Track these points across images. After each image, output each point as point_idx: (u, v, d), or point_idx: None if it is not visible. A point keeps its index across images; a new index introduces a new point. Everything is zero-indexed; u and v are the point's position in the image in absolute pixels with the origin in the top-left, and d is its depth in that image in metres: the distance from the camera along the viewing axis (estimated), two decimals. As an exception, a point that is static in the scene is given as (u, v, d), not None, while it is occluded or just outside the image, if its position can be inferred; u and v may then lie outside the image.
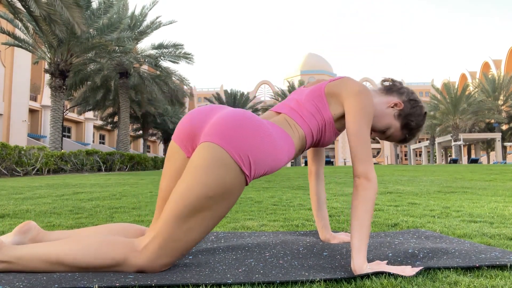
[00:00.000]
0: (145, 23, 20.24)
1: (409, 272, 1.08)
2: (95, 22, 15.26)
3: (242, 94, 43.78)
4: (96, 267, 1.10)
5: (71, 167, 12.36)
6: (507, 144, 36.21)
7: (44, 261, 1.09)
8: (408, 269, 1.11)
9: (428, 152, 47.58)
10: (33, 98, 29.60)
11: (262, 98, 62.77)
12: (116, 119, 28.80)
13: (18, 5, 13.04)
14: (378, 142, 59.95)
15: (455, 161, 31.23)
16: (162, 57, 20.78)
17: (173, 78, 22.45)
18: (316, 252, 1.38)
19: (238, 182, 1.12)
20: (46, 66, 15.49)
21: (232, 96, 43.39)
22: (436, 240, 1.59)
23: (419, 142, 47.44)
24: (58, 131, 15.07)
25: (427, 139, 44.31)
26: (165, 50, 20.72)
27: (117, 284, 1.00)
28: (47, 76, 19.67)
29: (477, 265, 1.16)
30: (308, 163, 1.64)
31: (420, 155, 63.34)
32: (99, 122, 36.86)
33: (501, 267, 1.16)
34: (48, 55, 15.15)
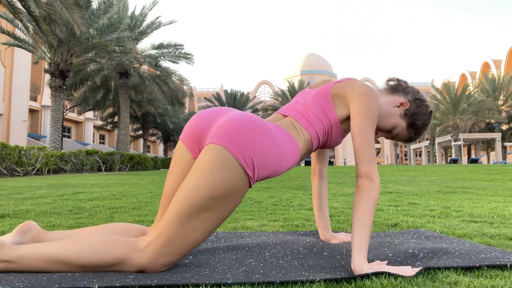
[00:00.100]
0: (145, 23, 20.27)
1: (409, 272, 1.08)
2: (95, 22, 15.26)
3: (242, 94, 43.80)
4: (97, 266, 1.10)
5: (71, 167, 12.36)
6: (507, 144, 36.21)
7: (45, 260, 1.09)
8: (408, 269, 1.11)
9: (428, 152, 47.59)
10: (33, 98, 29.61)
11: (262, 98, 62.82)
12: (116, 119, 28.82)
13: (18, 5, 13.05)
14: (378, 142, 59.94)
15: (455, 161, 31.23)
16: (162, 57, 20.79)
17: (173, 78, 22.46)
18: (316, 252, 1.38)
19: (242, 184, 1.14)
20: (46, 66, 15.50)
21: (232, 96, 43.40)
22: (436, 240, 1.59)
23: (419, 142, 47.39)
24: (58, 131, 15.08)
25: (427, 139, 44.28)
26: (165, 50, 20.74)
27: (117, 284, 1.00)
28: (47, 76, 19.67)
29: (477, 265, 1.16)
30: (312, 163, 1.65)
31: (420, 155, 63.37)
32: (99, 122, 36.87)
33: (501, 267, 1.17)
34: (48, 55, 15.15)
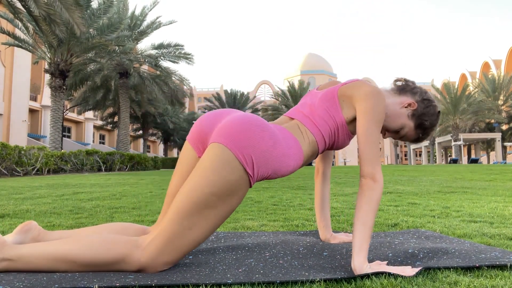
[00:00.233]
0: (145, 23, 20.29)
1: (409, 272, 1.08)
2: (95, 22, 15.27)
3: (242, 94, 43.81)
4: (99, 264, 1.11)
5: (71, 167, 12.36)
6: (507, 144, 36.22)
7: (46, 259, 1.10)
8: (408, 269, 1.11)
9: (428, 152, 47.60)
10: (33, 98, 29.61)
11: (262, 98, 62.85)
12: (116, 119, 28.82)
13: (18, 5, 13.05)
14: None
15: (455, 161, 31.25)
16: (162, 57, 20.81)
17: (173, 78, 22.47)
18: (316, 252, 1.38)
19: (242, 182, 1.15)
20: (46, 66, 15.50)
21: (232, 96, 43.41)
22: (436, 240, 1.59)
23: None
24: (58, 131, 15.08)
25: (427, 139, 44.26)
26: (165, 50, 20.75)
27: (117, 284, 1.00)
28: (47, 76, 19.68)
29: (477, 265, 1.16)
30: (316, 163, 1.65)
31: (420, 155, 63.39)
32: (99, 122, 36.88)
33: (501, 267, 1.17)
34: (48, 55, 15.15)
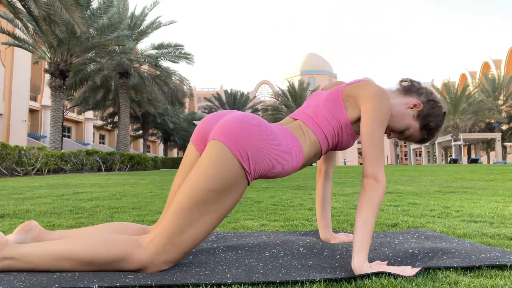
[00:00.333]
0: (145, 23, 20.29)
1: (409, 272, 1.08)
2: (95, 22, 15.26)
3: (242, 94, 43.80)
4: (99, 263, 1.11)
5: (71, 167, 12.36)
6: (507, 144, 36.21)
7: (47, 258, 1.11)
8: (408, 269, 1.11)
9: (428, 152, 47.58)
10: (33, 98, 29.60)
11: (262, 98, 62.85)
12: (116, 119, 28.82)
13: (18, 5, 13.05)
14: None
15: (455, 161, 31.25)
16: (162, 57, 20.81)
17: (173, 78, 22.47)
18: (316, 252, 1.38)
19: (239, 177, 1.16)
20: (46, 66, 15.50)
21: (232, 96, 43.40)
22: (436, 240, 1.59)
23: (419, 142, 47.32)
24: (58, 131, 15.08)
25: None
26: (165, 50, 20.76)
27: (117, 284, 1.00)
28: (47, 76, 19.69)
29: (477, 265, 1.16)
30: (318, 163, 1.65)
31: (420, 155, 63.37)
32: (99, 122, 36.87)
33: (501, 267, 1.17)
34: (48, 55, 15.15)
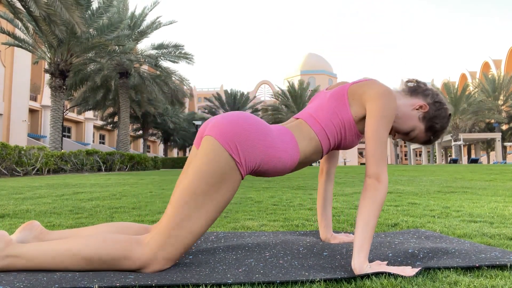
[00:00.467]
0: (145, 23, 20.27)
1: (409, 272, 1.08)
2: (95, 22, 15.26)
3: (242, 94, 43.83)
4: (101, 262, 1.12)
5: (71, 167, 12.36)
6: (507, 144, 36.23)
7: (49, 256, 1.12)
8: (408, 269, 1.11)
9: (428, 152, 47.58)
10: (33, 98, 29.60)
11: (262, 98, 62.88)
12: (116, 119, 28.82)
13: (18, 5, 13.05)
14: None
15: (455, 161, 31.26)
16: (162, 57, 20.80)
17: (173, 78, 22.47)
18: (316, 252, 1.38)
19: (231, 168, 1.19)
20: (46, 66, 15.50)
21: (232, 96, 43.42)
22: (436, 240, 1.59)
23: (419, 142, 47.32)
24: (58, 131, 15.08)
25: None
26: (165, 50, 20.75)
27: (117, 284, 1.00)
28: (47, 76, 19.69)
29: (477, 265, 1.16)
30: (321, 162, 1.65)
31: (420, 155, 63.39)
32: (99, 122, 36.88)
33: (501, 267, 1.17)
34: (48, 55, 15.15)
